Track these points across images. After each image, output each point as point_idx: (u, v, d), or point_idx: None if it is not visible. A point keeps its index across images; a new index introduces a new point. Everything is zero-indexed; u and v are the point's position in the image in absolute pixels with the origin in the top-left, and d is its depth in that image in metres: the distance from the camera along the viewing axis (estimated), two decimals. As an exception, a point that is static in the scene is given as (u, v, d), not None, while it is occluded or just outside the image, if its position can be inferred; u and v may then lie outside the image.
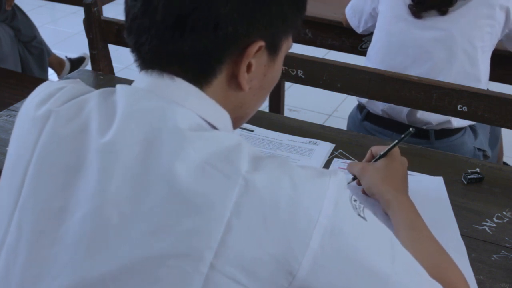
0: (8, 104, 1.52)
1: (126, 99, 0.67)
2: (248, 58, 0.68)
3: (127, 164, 0.63)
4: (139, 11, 0.67)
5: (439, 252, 0.89)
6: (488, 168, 1.27)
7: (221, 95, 0.70)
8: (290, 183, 0.62)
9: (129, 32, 0.69)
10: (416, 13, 1.73)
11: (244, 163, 0.62)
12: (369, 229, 0.67)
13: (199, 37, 0.65)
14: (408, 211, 1.00)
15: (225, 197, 0.60)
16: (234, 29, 0.65)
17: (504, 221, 1.12)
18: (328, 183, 0.63)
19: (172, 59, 0.67)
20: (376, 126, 1.90)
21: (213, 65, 0.68)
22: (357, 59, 2.03)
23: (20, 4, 2.95)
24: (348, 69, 1.47)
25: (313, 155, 1.28)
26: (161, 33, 0.66)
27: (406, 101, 1.45)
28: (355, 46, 2.28)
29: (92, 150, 0.65)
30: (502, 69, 2.03)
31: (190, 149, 0.62)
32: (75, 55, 3.48)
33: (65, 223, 0.65)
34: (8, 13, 2.81)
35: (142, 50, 0.69)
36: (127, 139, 0.64)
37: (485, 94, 1.37)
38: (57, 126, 0.69)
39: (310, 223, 0.61)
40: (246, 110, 0.76)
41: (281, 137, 1.34)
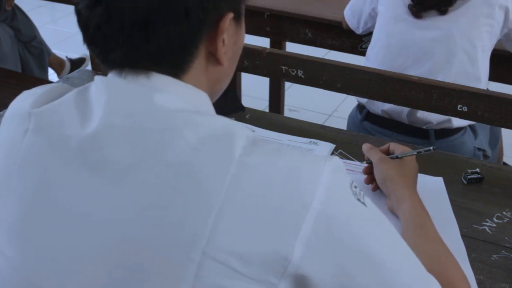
0: (8, 104, 1.52)
1: (105, 89, 0.66)
2: (223, 33, 0.68)
3: (118, 154, 0.62)
4: (102, 19, 0.64)
5: (445, 253, 0.88)
6: (488, 168, 1.27)
7: (200, 77, 0.70)
8: (284, 167, 0.61)
9: (91, 42, 0.67)
10: (415, 13, 1.73)
11: (237, 147, 0.61)
12: (368, 214, 0.65)
13: (172, 30, 0.64)
14: (420, 210, 1.00)
15: (217, 183, 0.59)
16: (204, 10, 0.65)
17: (504, 221, 1.12)
18: (323, 167, 0.62)
19: (147, 58, 0.66)
20: (376, 126, 1.90)
21: (191, 51, 0.67)
22: (357, 59, 2.03)
23: (20, 4, 2.95)
24: (348, 69, 1.47)
25: None
26: (132, 36, 0.64)
27: (406, 101, 1.45)
28: (355, 46, 2.28)
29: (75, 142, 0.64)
30: (502, 69, 2.04)
31: (180, 136, 0.61)
32: (75, 55, 3.48)
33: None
34: (8, 13, 2.81)
35: (111, 58, 0.67)
36: (114, 127, 0.63)
37: (485, 94, 1.37)
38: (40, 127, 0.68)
39: (304, 207, 0.60)
40: (222, 82, 0.76)
41: (282, 137, 1.34)
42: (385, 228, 0.67)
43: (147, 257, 0.60)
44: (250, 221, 0.59)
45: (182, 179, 0.60)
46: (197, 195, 0.59)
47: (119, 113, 0.64)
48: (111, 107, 0.64)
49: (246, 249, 0.59)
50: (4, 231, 0.68)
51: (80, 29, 0.68)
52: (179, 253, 0.59)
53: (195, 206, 0.59)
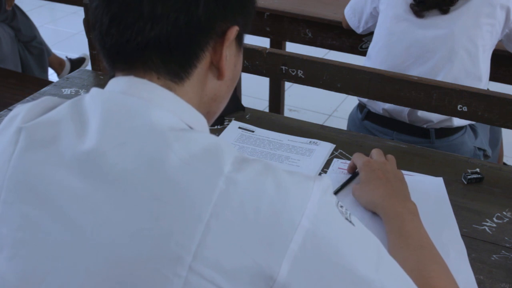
0: (8, 104, 1.52)
1: (101, 104, 0.67)
2: (229, 42, 0.69)
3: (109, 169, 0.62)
4: (119, 9, 0.66)
5: (427, 261, 0.87)
6: (488, 168, 1.27)
7: (199, 89, 0.71)
8: (273, 186, 0.61)
9: (107, 35, 0.68)
10: (417, 12, 1.73)
11: (226, 163, 0.61)
12: (355, 233, 0.65)
13: (183, 26, 0.66)
14: (395, 218, 0.98)
15: (205, 198, 0.59)
16: (213, 15, 0.67)
17: (504, 221, 1.12)
18: (312, 186, 0.62)
19: (157, 52, 0.67)
20: (376, 125, 1.90)
21: (196, 53, 0.68)
22: (357, 59, 2.03)
23: (20, 4, 2.95)
24: (348, 69, 1.47)
25: (313, 155, 1.28)
26: (146, 27, 0.65)
27: (406, 101, 1.45)
28: (355, 46, 2.28)
29: (70, 156, 0.64)
30: (502, 69, 2.04)
31: (170, 150, 0.62)
32: (75, 55, 3.48)
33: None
34: (8, 13, 2.81)
35: (124, 50, 0.67)
36: (109, 144, 0.63)
37: (485, 94, 1.37)
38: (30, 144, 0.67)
39: (292, 225, 0.60)
40: (219, 104, 0.77)
41: (282, 137, 1.34)
42: (373, 247, 0.67)
43: (134, 271, 0.59)
44: (237, 238, 0.59)
45: (171, 193, 0.60)
46: (185, 208, 0.59)
47: (114, 127, 0.64)
48: (107, 123, 0.65)
49: (232, 266, 0.59)
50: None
51: (94, 23, 0.69)
52: (167, 268, 0.58)
53: (183, 220, 0.59)
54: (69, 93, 1.54)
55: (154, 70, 0.68)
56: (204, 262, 0.58)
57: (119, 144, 0.63)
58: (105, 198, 0.62)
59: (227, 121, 1.41)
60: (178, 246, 0.58)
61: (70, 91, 1.56)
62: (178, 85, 0.69)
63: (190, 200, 0.59)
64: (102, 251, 0.61)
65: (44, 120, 0.69)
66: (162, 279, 0.59)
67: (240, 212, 0.59)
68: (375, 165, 1.12)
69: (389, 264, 0.68)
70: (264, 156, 1.26)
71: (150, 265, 0.59)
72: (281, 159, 1.25)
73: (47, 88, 1.59)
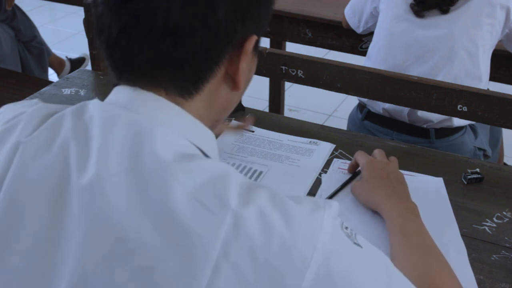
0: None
1: (101, 122, 0.62)
2: (247, 54, 0.67)
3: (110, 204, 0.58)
4: (129, 22, 0.62)
5: (431, 259, 0.87)
6: (488, 168, 1.27)
7: (210, 102, 0.68)
8: (282, 220, 0.57)
9: (113, 45, 0.64)
10: (417, 12, 1.74)
11: (233, 196, 0.58)
12: (365, 257, 0.62)
13: (199, 42, 0.62)
14: (398, 217, 0.98)
15: (212, 237, 0.56)
16: (233, 28, 0.64)
17: (504, 221, 1.12)
18: (322, 216, 0.59)
19: (168, 68, 0.64)
20: (376, 125, 1.90)
21: (211, 68, 0.65)
22: (357, 59, 2.03)
23: (20, 4, 2.95)
24: (348, 69, 1.47)
25: (313, 155, 1.28)
26: (159, 42, 0.62)
27: (406, 101, 1.45)
28: (355, 46, 2.28)
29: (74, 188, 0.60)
30: (502, 69, 2.04)
31: (175, 184, 0.58)
32: (75, 55, 3.48)
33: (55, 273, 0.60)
34: (8, 13, 2.81)
35: (133, 63, 0.64)
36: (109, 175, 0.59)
37: (485, 94, 1.37)
38: (28, 160, 0.62)
39: (304, 262, 0.57)
40: (227, 112, 0.74)
41: (282, 137, 1.34)
42: (382, 266, 0.64)
43: None
44: (246, 279, 0.55)
45: (177, 231, 0.56)
46: (192, 247, 0.56)
47: (116, 156, 0.60)
48: (109, 146, 0.61)
49: None
50: None
51: (100, 32, 0.65)
52: None
53: (190, 259, 0.56)
54: (69, 93, 1.54)
55: (163, 85, 0.65)
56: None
57: (120, 177, 0.59)
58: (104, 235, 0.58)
59: (227, 121, 1.41)
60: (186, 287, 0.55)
61: (70, 91, 1.56)
62: (188, 100, 0.66)
63: (197, 238, 0.56)
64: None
65: (44, 135, 0.64)
66: None
67: (249, 251, 0.56)
68: (378, 164, 1.13)
69: (398, 280, 0.65)
70: (264, 156, 1.26)
71: None
72: (281, 159, 1.25)
73: (47, 88, 1.59)
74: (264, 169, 1.20)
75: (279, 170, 1.20)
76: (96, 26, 0.66)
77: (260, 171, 1.19)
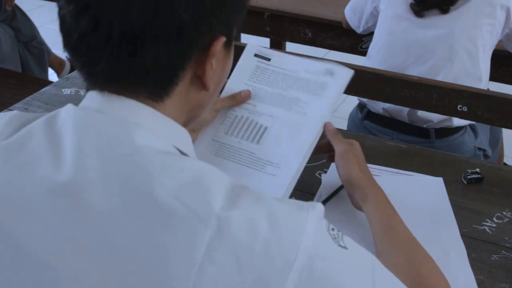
0: (8, 104, 1.52)
1: (74, 127, 0.61)
2: (214, 57, 0.66)
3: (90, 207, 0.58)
4: (87, 28, 0.60)
5: (419, 257, 0.87)
6: (488, 168, 1.27)
7: (182, 104, 0.68)
8: (266, 222, 0.58)
9: (74, 51, 0.63)
10: (417, 12, 1.74)
11: (217, 198, 0.58)
12: (350, 259, 0.62)
13: (162, 47, 0.61)
14: (384, 209, 0.96)
15: (196, 240, 0.56)
16: (197, 31, 0.62)
17: (504, 221, 1.12)
18: (306, 217, 0.60)
19: (132, 75, 0.62)
20: (376, 125, 1.90)
21: (177, 73, 0.64)
22: (357, 59, 2.03)
23: (20, 4, 2.95)
24: (348, 69, 1.47)
25: (324, 94, 1.17)
26: (118, 49, 0.60)
27: (406, 101, 1.45)
28: (355, 46, 2.28)
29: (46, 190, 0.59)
30: (502, 69, 2.04)
31: (157, 185, 0.57)
32: (75, 55, 3.48)
33: None
34: (8, 13, 2.81)
35: (94, 71, 0.63)
36: (86, 179, 0.58)
37: (485, 94, 1.37)
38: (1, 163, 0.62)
39: (287, 263, 0.57)
40: (203, 108, 0.74)
41: (298, 66, 1.21)
42: (368, 267, 0.64)
43: None
44: (231, 280, 0.56)
45: (161, 234, 0.56)
46: (177, 250, 0.56)
47: (92, 155, 0.59)
48: (84, 148, 0.60)
49: None
50: None
51: (62, 36, 0.64)
52: None
53: (175, 262, 0.56)
54: (69, 93, 1.54)
55: (131, 90, 0.64)
56: None
57: (99, 177, 0.58)
58: (86, 238, 0.57)
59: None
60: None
61: (70, 91, 1.56)
62: (159, 103, 0.65)
63: (181, 241, 0.56)
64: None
65: (18, 141, 0.63)
66: None
67: (234, 253, 0.56)
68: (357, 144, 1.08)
69: (384, 280, 0.66)
70: (273, 100, 1.16)
71: None
72: (289, 105, 1.15)
73: (47, 88, 1.59)
74: (269, 123, 1.12)
75: (284, 123, 1.12)
76: (60, 28, 0.64)
77: (265, 127, 1.11)
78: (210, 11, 0.63)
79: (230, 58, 0.73)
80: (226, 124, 1.11)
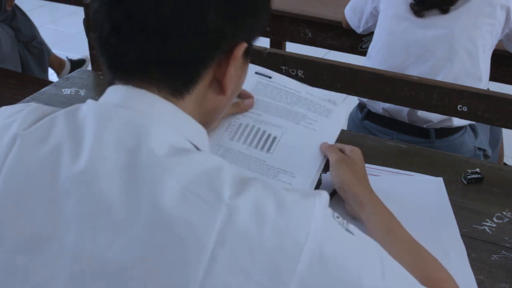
0: (8, 104, 1.52)
1: (96, 120, 0.64)
2: (235, 60, 0.68)
3: (105, 195, 0.60)
4: (120, 20, 0.64)
5: (423, 255, 0.87)
6: (488, 168, 1.27)
7: (198, 103, 0.70)
8: (274, 208, 0.60)
9: (106, 43, 0.66)
10: (417, 12, 1.74)
11: (226, 188, 0.60)
12: (357, 244, 0.64)
13: (189, 44, 0.64)
14: (383, 212, 0.97)
15: (208, 227, 0.58)
16: (223, 33, 0.66)
17: (504, 221, 1.12)
18: (314, 204, 0.62)
19: (159, 67, 0.65)
20: (376, 125, 1.90)
21: (199, 71, 0.67)
22: (357, 59, 2.03)
23: (20, 4, 2.95)
24: (348, 69, 1.47)
25: (331, 117, 1.18)
26: (149, 41, 0.63)
27: (406, 101, 1.45)
28: (355, 46, 2.28)
29: (65, 178, 0.62)
30: (502, 69, 2.04)
31: (169, 177, 0.60)
32: (75, 55, 3.48)
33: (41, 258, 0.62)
34: (8, 13, 2.81)
35: (122, 62, 0.66)
36: (102, 168, 0.61)
37: (485, 94, 1.37)
38: (24, 152, 0.64)
39: (297, 247, 0.59)
40: (217, 115, 0.77)
41: (300, 88, 1.22)
42: (375, 253, 0.66)
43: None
44: (243, 265, 0.58)
45: (173, 221, 0.58)
46: (188, 238, 0.58)
47: (110, 146, 0.62)
48: (103, 139, 0.62)
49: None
50: None
51: (94, 28, 0.67)
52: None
53: (187, 249, 0.58)
54: (69, 93, 1.54)
55: (155, 84, 0.67)
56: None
57: (114, 168, 0.61)
58: (101, 225, 0.59)
59: None
60: (184, 276, 0.57)
61: (70, 91, 1.56)
62: (178, 100, 0.68)
63: (193, 229, 0.58)
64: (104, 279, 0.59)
65: (41, 130, 0.66)
66: None
67: (244, 238, 0.58)
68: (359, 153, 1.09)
69: (392, 266, 0.67)
70: (279, 112, 1.16)
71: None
72: (297, 119, 1.15)
73: (47, 88, 1.59)
74: (278, 133, 1.12)
75: (293, 135, 1.12)
76: (92, 23, 0.68)
77: (274, 137, 1.11)
78: (236, 16, 0.67)
79: (246, 69, 0.76)
80: (230, 131, 1.11)
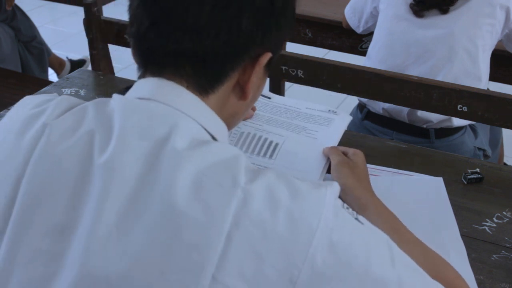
0: (8, 104, 1.52)
1: (123, 112, 0.67)
2: (260, 67, 0.72)
3: (127, 182, 0.63)
4: (161, 16, 0.68)
5: (432, 254, 0.87)
6: (488, 168, 1.27)
7: (220, 104, 0.73)
8: (288, 194, 0.62)
9: (143, 38, 0.70)
10: (417, 12, 1.74)
11: (241, 175, 0.63)
12: (367, 232, 0.67)
13: (221, 42, 0.68)
14: (386, 214, 0.97)
15: (224, 210, 0.60)
16: (253, 39, 0.69)
17: (504, 221, 1.12)
18: (325, 192, 0.64)
19: (191, 61, 0.69)
20: (376, 125, 1.90)
21: (227, 71, 0.70)
22: (357, 59, 2.03)
23: (20, 4, 2.95)
24: (348, 69, 1.47)
25: (332, 125, 1.20)
26: (185, 37, 0.67)
27: (406, 101, 1.45)
28: (355, 46, 2.28)
29: (95, 166, 0.64)
30: (502, 69, 2.04)
31: (187, 163, 0.63)
32: (75, 55, 3.48)
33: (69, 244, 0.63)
34: (8, 13, 2.81)
35: (157, 55, 0.70)
36: (126, 157, 0.64)
37: (485, 94, 1.37)
38: (54, 139, 0.67)
39: (310, 232, 0.61)
40: (236, 120, 0.80)
41: (299, 105, 1.25)
42: (384, 242, 0.68)
43: (157, 283, 0.60)
44: (258, 248, 0.60)
45: (191, 204, 0.61)
46: (205, 220, 0.60)
47: (134, 136, 0.65)
48: (128, 129, 0.65)
49: (254, 274, 0.60)
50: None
51: (131, 22, 0.71)
52: (189, 278, 0.59)
53: (204, 231, 0.60)
54: (69, 93, 1.54)
55: (185, 78, 0.70)
56: (227, 271, 0.59)
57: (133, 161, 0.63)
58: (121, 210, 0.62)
59: None
60: (201, 258, 0.59)
61: (70, 91, 1.56)
62: (204, 97, 0.71)
63: (209, 212, 0.60)
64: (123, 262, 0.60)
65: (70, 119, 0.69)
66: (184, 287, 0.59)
67: (259, 221, 0.60)
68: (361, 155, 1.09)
69: (401, 256, 0.69)
70: (280, 125, 1.18)
71: (173, 277, 0.59)
72: (298, 130, 1.17)
73: (47, 88, 1.59)
74: (280, 140, 1.14)
75: (295, 142, 1.14)
76: (129, 18, 0.72)
77: (276, 143, 1.13)
78: (268, 26, 0.71)
79: (265, 81, 0.79)
80: (232, 140, 1.13)
